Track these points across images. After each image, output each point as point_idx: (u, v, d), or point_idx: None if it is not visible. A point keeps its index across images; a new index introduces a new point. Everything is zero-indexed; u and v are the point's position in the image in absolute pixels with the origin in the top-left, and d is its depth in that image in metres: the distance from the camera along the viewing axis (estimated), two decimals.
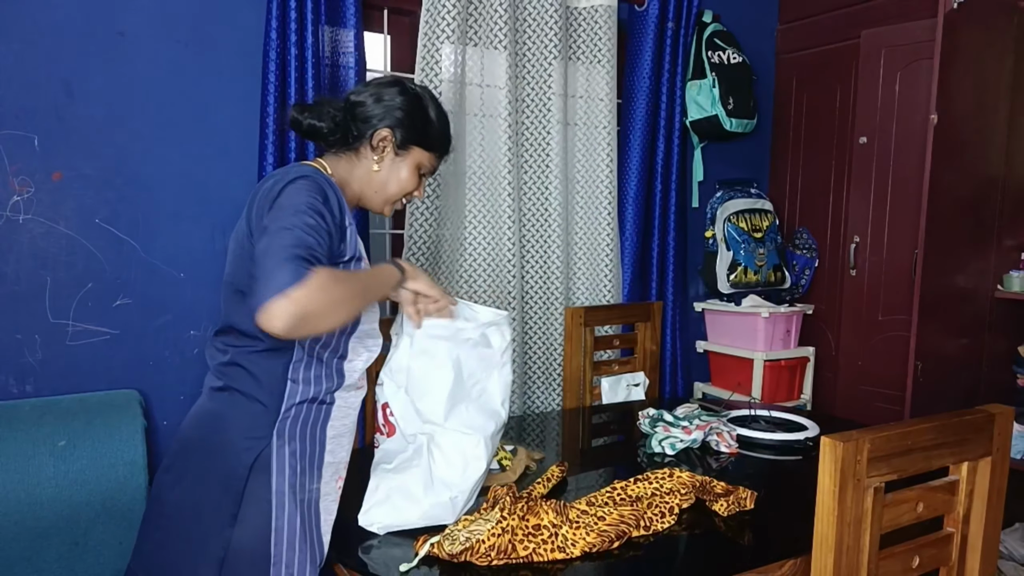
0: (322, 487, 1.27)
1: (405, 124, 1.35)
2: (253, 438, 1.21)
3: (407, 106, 1.35)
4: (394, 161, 1.36)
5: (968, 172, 2.49)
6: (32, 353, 1.89)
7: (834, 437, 0.96)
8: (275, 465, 1.21)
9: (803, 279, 3.20)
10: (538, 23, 2.53)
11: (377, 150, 1.34)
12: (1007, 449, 1.14)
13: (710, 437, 1.77)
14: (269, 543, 1.19)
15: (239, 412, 1.23)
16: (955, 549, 1.13)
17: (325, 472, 1.27)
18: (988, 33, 2.47)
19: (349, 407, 1.32)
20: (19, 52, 1.84)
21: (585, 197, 2.74)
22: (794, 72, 3.29)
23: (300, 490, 1.22)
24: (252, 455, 1.20)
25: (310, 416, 1.25)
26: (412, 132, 1.36)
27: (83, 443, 1.76)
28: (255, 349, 1.23)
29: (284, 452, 1.21)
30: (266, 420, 1.22)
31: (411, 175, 1.38)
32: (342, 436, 1.31)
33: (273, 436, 1.21)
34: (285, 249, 1.07)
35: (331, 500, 1.29)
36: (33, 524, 1.69)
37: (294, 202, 1.15)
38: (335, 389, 1.28)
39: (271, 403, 1.22)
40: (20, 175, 1.86)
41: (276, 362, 1.22)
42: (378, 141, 1.34)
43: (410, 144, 1.36)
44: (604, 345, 2.48)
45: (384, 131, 1.33)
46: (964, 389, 2.56)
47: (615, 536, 1.21)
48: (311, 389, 1.24)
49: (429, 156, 1.39)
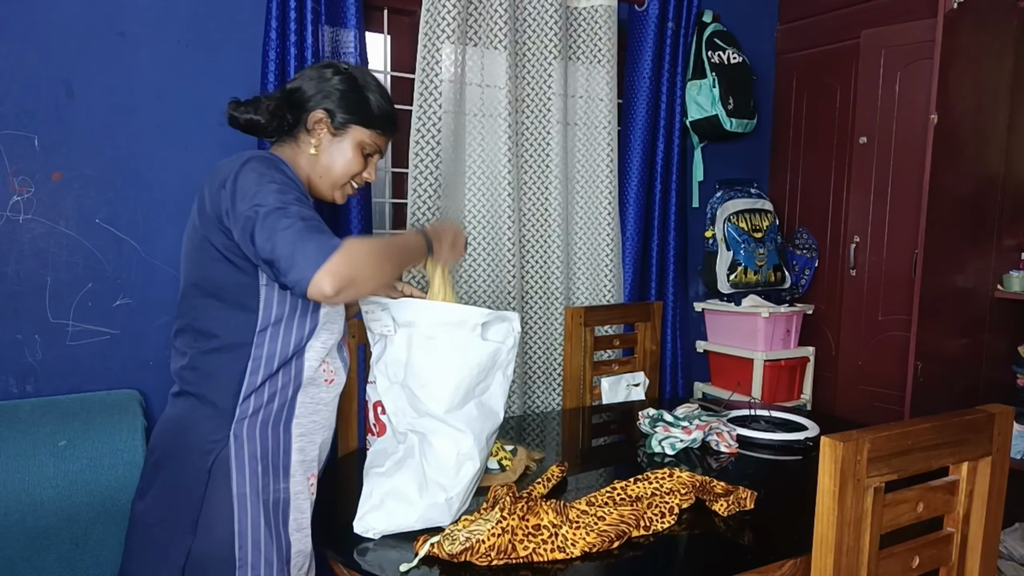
0: (292, 486, 1.25)
1: (339, 104, 1.31)
2: (211, 441, 1.19)
3: (341, 86, 1.32)
4: (332, 142, 1.33)
5: (968, 172, 2.49)
6: (32, 353, 1.90)
7: (834, 437, 0.96)
8: (234, 467, 1.19)
9: (803, 279, 3.20)
10: (538, 23, 2.53)
11: (313, 133, 1.31)
12: (1007, 449, 1.14)
13: (710, 437, 1.77)
14: (233, 546, 1.17)
15: (196, 416, 1.22)
16: (955, 549, 1.13)
17: (294, 471, 1.26)
18: (988, 33, 2.47)
19: (318, 403, 1.30)
20: (19, 52, 1.84)
21: (585, 197, 2.74)
22: (794, 72, 3.29)
23: (264, 491, 1.21)
24: (210, 458, 1.18)
25: (271, 415, 1.23)
26: (347, 111, 1.32)
27: (83, 443, 1.76)
28: (209, 348, 1.21)
29: (244, 453, 1.20)
30: (222, 422, 1.20)
31: (355, 155, 1.34)
32: (313, 434, 1.29)
33: (230, 438, 1.20)
34: (295, 225, 1.08)
35: (303, 499, 1.27)
36: (33, 524, 1.69)
37: (264, 182, 1.14)
38: (296, 386, 1.26)
39: (227, 404, 1.21)
40: (20, 175, 1.86)
41: (231, 361, 1.21)
42: (313, 124, 1.31)
43: (347, 123, 1.32)
44: (604, 345, 2.48)
45: (318, 113, 1.31)
46: (964, 389, 2.56)
47: (615, 536, 1.21)
48: (268, 388, 1.22)
49: (370, 134, 1.34)
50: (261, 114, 1.29)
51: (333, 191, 1.36)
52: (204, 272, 1.22)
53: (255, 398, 1.22)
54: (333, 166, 1.33)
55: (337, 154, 1.33)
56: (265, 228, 1.10)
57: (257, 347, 1.21)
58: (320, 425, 1.31)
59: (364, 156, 1.36)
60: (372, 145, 1.36)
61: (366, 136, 1.34)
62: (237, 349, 1.20)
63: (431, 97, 2.32)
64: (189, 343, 1.23)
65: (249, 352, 1.21)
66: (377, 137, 1.36)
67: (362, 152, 1.35)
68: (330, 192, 1.36)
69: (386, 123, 1.37)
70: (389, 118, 1.38)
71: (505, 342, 1.38)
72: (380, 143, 1.38)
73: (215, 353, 1.21)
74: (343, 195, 1.39)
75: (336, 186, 1.36)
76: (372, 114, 1.34)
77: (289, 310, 1.23)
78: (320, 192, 1.36)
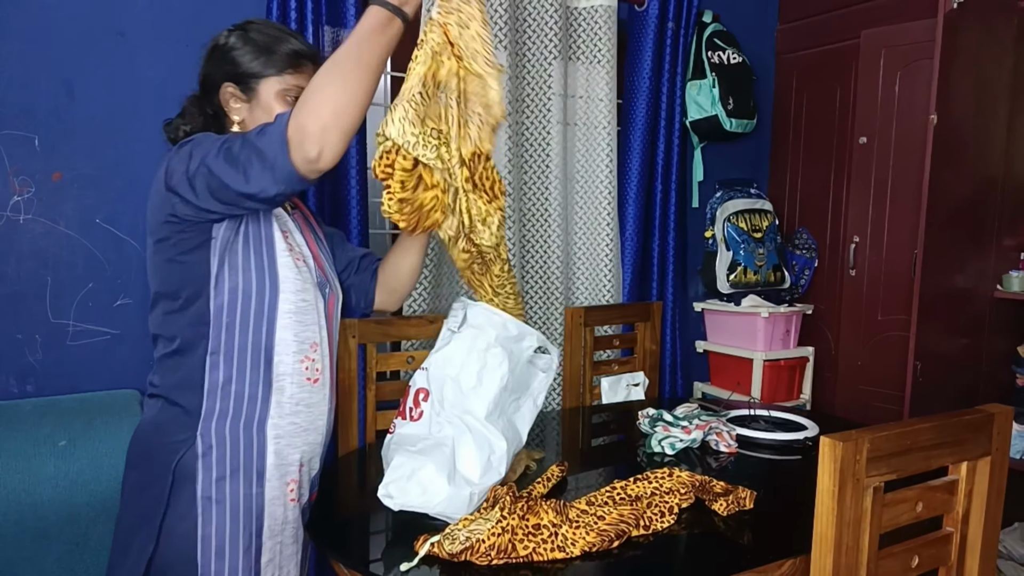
0: (267, 491, 1.19)
1: (232, 69, 1.24)
2: (176, 441, 1.15)
3: (229, 49, 1.25)
4: (252, 109, 1.25)
5: (968, 172, 2.49)
6: (32, 353, 1.90)
7: (833, 437, 0.96)
8: (200, 469, 1.14)
9: (803, 279, 3.20)
10: (538, 23, 2.53)
11: (231, 111, 1.26)
12: (1006, 449, 1.14)
13: (710, 437, 1.77)
14: (196, 553, 1.13)
15: (163, 416, 1.18)
16: (954, 549, 1.13)
17: (270, 475, 1.20)
18: (988, 33, 2.47)
19: (297, 403, 1.23)
20: (19, 52, 1.84)
21: (585, 197, 2.74)
22: (794, 72, 3.29)
23: (233, 495, 1.16)
24: (174, 459, 1.14)
25: (241, 415, 1.18)
26: (242, 70, 1.24)
27: (84, 443, 1.76)
28: (171, 350, 1.19)
29: (211, 455, 1.15)
30: (188, 422, 1.16)
31: (282, 106, 1.24)
32: (293, 436, 1.22)
33: (197, 439, 1.15)
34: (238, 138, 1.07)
35: (278, 504, 1.21)
36: (33, 524, 1.69)
37: (188, 149, 1.12)
38: (267, 383, 1.19)
39: (191, 403, 1.17)
40: (20, 175, 1.86)
41: (190, 359, 1.17)
42: (226, 100, 1.26)
43: (252, 81, 1.24)
44: (604, 345, 2.48)
45: (224, 89, 1.25)
46: (963, 389, 2.56)
47: (615, 535, 1.21)
48: (235, 385, 1.17)
49: (280, 79, 1.24)
50: (189, 120, 1.26)
51: None
52: (157, 277, 1.20)
53: (221, 396, 1.17)
54: None
55: (262, 116, 1.24)
56: (220, 161, 1.07)
57: (214, 340, 1.17)
58: (301, 427, 1.24)
59: (293, 102, 1.23)
60: (294, 89, 1.25)
61: (279, 83, 1.24)
62: (194, 346, 1.17)
63: None
64: (157, 349, 1.23)
65: (206, 347, 1.17)
66: (292, 78, 1.25)
67: (286, 101, 1.24)
68: None
69: (288, 59, 1.25)
70: (289, 53, 1.25)
71: (547, 372, 1.48)
72: (301, 82, 1.25)
73: (177, 354, 1.18)
74: None
75: None
76: (270, 58, 1.24)
77: (243, 305, 1.18)
78: None
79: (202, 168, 1.09)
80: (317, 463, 1.32)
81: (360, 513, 1.41)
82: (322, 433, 1.30)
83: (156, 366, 1.22)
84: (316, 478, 1.35)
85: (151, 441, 1.19)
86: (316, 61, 1.27)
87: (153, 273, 1.21)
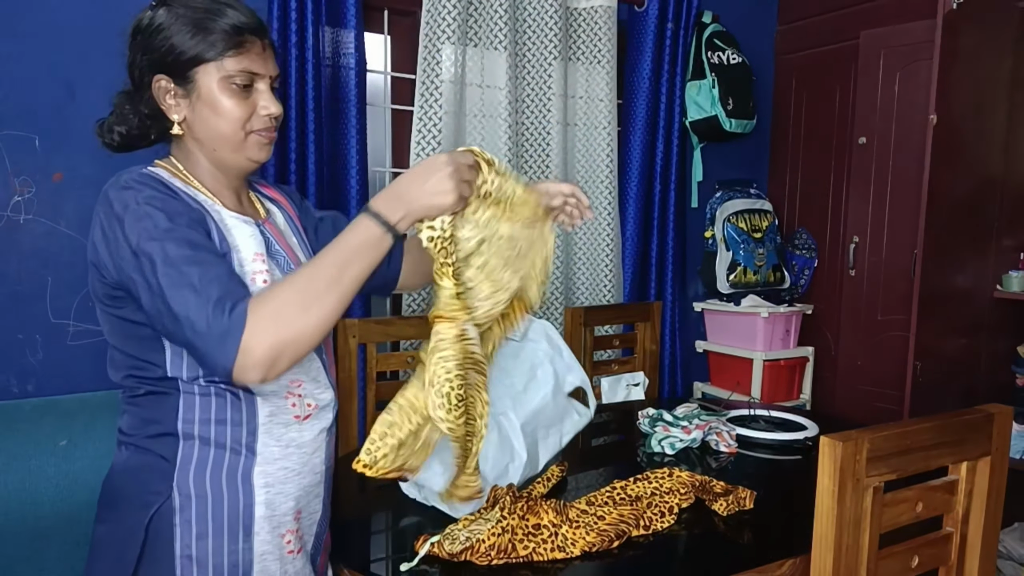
0: (256, 546, 1.02)
1: (160, 57, 1.01)
2: (150, 493, 0.99)
3: (148, 34, 1.03)
4: (192, 104, 1.02)
5: (967, 172, 2.49)
6: (33, 353, 1.90)
7: (833, 437, 0.96)
8: (179, 524, 0.99)
9: (802, 279, 3.20)
10: (538, 24, 2.53)
11: (168, 108, 1.03)
12: (1006, 449, 1.14)
13: (709, 437, 1.77)
14: None
15: (135, 464, 1.03)
16: (954, 549, 1.13)
17: (259, 528, 1.02)
18: (987, 33, 2.47)
19: (287, 445, 1.05)
20: (20, 52, 1.84)
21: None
22: (793, 72, 3.29)
23: (216, 552, 1.00)
24: (148, 512, 0.98)
25: (223, 463, 1.01)
26: (172, 58, 1.01)
27: (84, 443, 1.76)
28: (136, 394, 1.02)
29: (190, 508, 0.99)
30: (163, 471, 1.00)
31: (227, 98, 1.02)
32: (284, 483, 1.05)
33: (173, 490, 0.99)
34: (189, 300, 0.88)
35: (272, 560, 1.04)
36: (34, 524, 1.69)
37: (141, 230, 0.92)
38: (252, 426, 1.03)
39: (168, 451, 1.00)
40: (21, 175, 1.86)
41: (163, 404, 1.01)
42: (160, 96, 1.03)
43: (188, 69, 1.01)
44: (604, 345, 2.48)
45: (154, 82, 1.02)
46: (963, 389, 2.56)
47: (615, 535, 1.21)
48: (214, 429, 1.01)
49: (219, 65, 1.00)
50: (122, 122, 1.07)
51: (243, 153, 1.05)
52: (109, 330, 1.04)
53: (199, 443, 1.00)
54: (214, 128, 1.03)
55: (207, 112, 1.02)
56: (153, 297, 0.91)
57: (187, 382, 1.00)
58: (294, 472, 1.06)
59: (242, 90, 1.03)
60: (239, 73, 1.01)
61: (221, 69, 1.01)
62: (165, 390, 1.01)
63: (432, 98, 2.33)
64: (122, 392, 1.06)
65: (178, 387, 1.01)
66: (235, 61, 1.01)
67: (231, 88, 1.02)
68: (241, 157, 1.06)
69: (228, 36, 1.00)
70: (227, 29, 1.00)
71: (582, 417, 1.55)
72: (247, 65, 1.02)
73: (146, 398, 1.02)
74: (260, 150, 1.07)
75: (238, 147, 1.05)
76: (205, 39, 1.00)
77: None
78: (234, 164, 1.06)
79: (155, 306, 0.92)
80: (318, 505, 1.13)
81: (360, 513, 1.41)
82: (319, 472, 1.11)
83: (123, 410, 1.06)
84: (324, 521, 1.17)
85: (121, 492, 1.03)
86: (262, 33, 1.05)
87: (104, 323, 1.04)
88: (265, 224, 1.12)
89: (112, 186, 0.98)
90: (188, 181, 1.05)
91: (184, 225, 0.94)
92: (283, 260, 1.11)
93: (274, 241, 1.12)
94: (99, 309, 1.03)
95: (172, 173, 1.04)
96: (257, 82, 1.04)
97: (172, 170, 1.05)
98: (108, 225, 0.95)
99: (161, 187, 0.98)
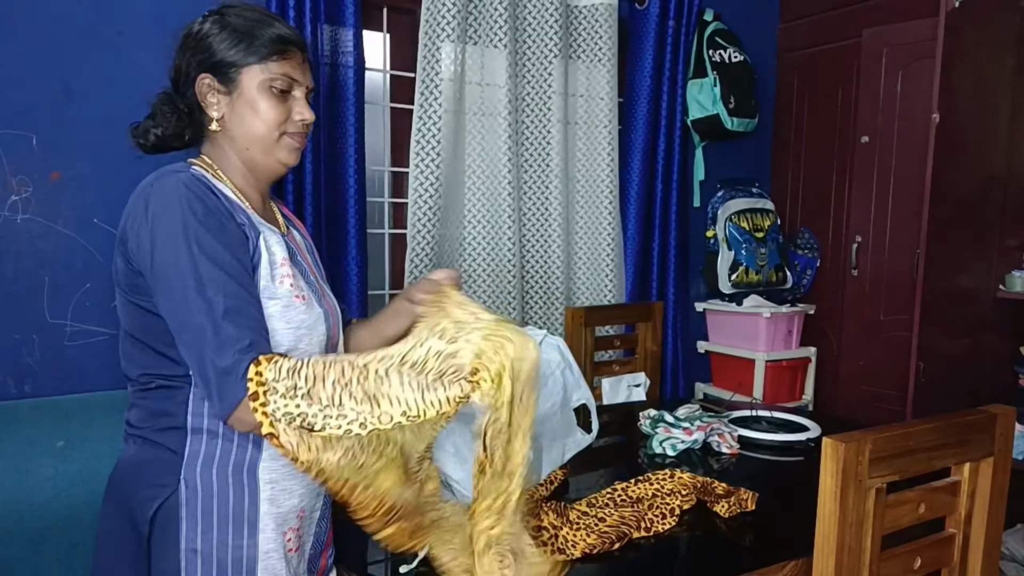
0: (260, 543, 1.04)
1: (209, 57, 1.09)
2: (156, 486, 1.02)
3: (205, 36, 1.10)
4: (232, 103, 1.10)
5: (970, 171, 2.48)
6: (30, 353, 1.89)
7: (836, 438, 0.95)
8: (184, 517, 1.01)
9: (805, 279, 3.19)
10: (538, 21, 2.53)
11: (209, 106, 1.10)
12: (1009, 449, 1.13)
13: (711, 438, 1.76)
14: None
15: (142, 457, 1.06)
16: (957, 550, 1.12)
17: (264, 525, 1.04)
18: (990, 32, 2.46)
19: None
20: (18, 51, 1.84)
21: (586, 196, 2.73)
22: (795, 71, 3.28)
23: (221, 548, 1.02)
24: (154, 505, 1.01)
25: (230, 457, 1.04)
26: (220, 58, 1.09)
27: (82, 444, 1.76)
28: (146, 388, 1.07)
29: (196, 502, 1.02)
30: (170, 464, 1.03)
31: (266, 101, 1.09)
32: (287, 480, 1.07)
33: (180, 483, 1.02)
34: (210, 342, 0.94)
35: (276, 558, 1.05)
36: (32, 525, 1.69)
37: (177, 242, 0.98)
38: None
39: (176, 444, 1.04)
40: (18, 175, 1.85)
41: (172, 398, 1.05)
42: (202, 94, 1.10)
43: (233, 70, 1.09)
44: (605, 345, 2.47)
45: (200, 81, 1.10)
46: (966, 389, 2.55)
47: (616, 537, 1.20)
48: (221, 424, 1.03)
49: (265, 67, 1.09)
50: (161, 122, 1.13)
51: (274, 155, 1.12)
52: (126, 317, 1.09)
53: (207, 437, 1.04)
54: (250, 127, 1.10)
55: (246, 111, 1.10)
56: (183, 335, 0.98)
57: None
58: (296, 470, 1.06)
59: (280, 95, 1.11)
60: (280, 78, 1.10)
61: (263, 72, 1.09)
62: (175, 384, 1.05)
63: (431, 96, 2.32)
64: (132, 385, 1.11)
65: (190, 381, 1.04)
66: (277, 66, 1.10)
67: (272, 93, 1.10)
68: (272, 158, 1.13)
69: (273, 44, 1.09)
70: (273, 38, 1.10)
71: (585, 437, 1.58)
72: (288, 71, 1.11)
73: (155, 392, 1.07)
74: (290, 153, 1.14)
75: (270, 148, 1.12)
76: (252, 45, 1.09)
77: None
78: (264, 165, 1.13)
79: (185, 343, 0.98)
80: (320, 504, 1.16)
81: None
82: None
83: (132, 403, 1.10)
84: (324, 521, 1.18)
85: (129, 485, 1.06)
86: (303, 47, 1.14)
87: (122, 311, 1.09)
88: (287, 236, 1.18)
89: (158, 183, 1.05)
90: (220, 178, 1.10)
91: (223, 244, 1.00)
92: (305, 271, 1.16)
93: (296, 252, 1.17)
94: (119, 297, 1.08)
95: (206, 169, 1.10)
96: (295, 89, 1.13)
97: (206, 167, 1.11)
98: (146, 219, 1.03)
99: (207, 193, 1.04)
